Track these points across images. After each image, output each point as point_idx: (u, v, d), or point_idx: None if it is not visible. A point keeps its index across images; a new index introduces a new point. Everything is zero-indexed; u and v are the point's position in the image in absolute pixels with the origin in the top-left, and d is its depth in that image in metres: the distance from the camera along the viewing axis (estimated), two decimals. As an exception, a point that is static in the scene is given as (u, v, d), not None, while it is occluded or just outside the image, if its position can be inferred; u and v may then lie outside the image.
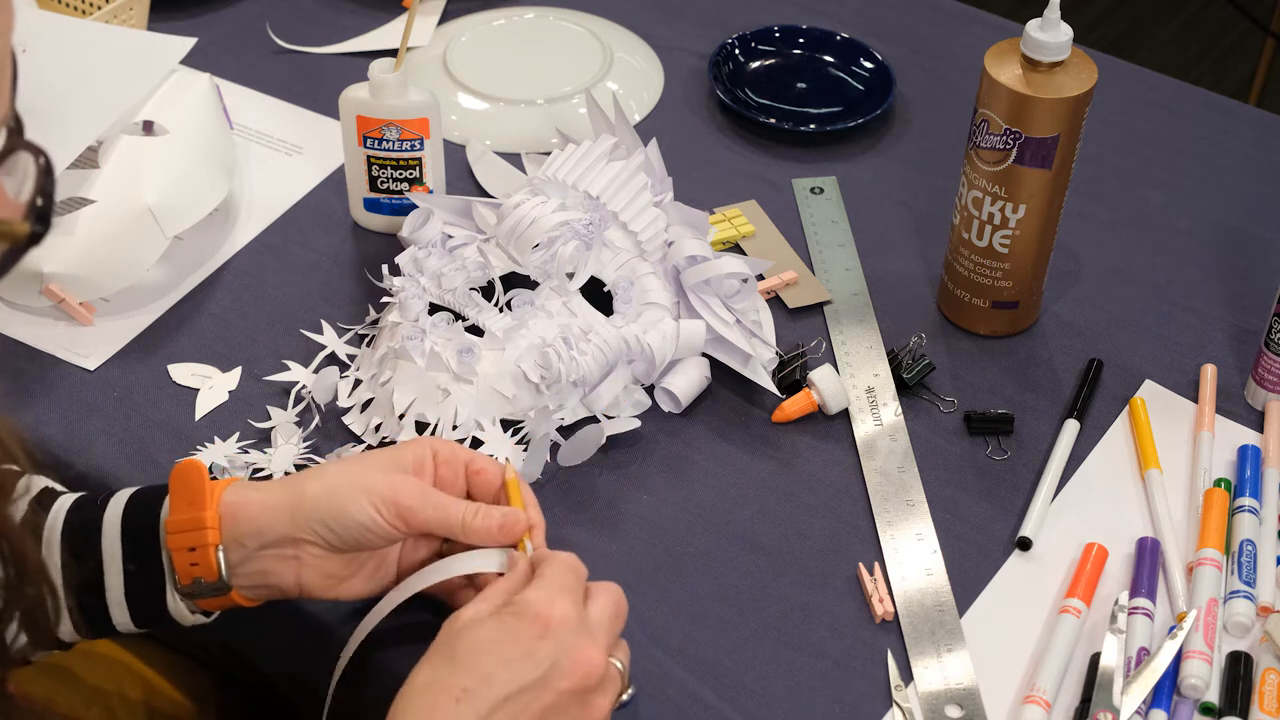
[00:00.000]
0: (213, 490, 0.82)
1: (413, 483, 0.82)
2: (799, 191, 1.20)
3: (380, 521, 0.81)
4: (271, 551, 0.82)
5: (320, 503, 0.81)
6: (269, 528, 0.81)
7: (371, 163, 1.11)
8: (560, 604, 0.76)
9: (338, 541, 0.82)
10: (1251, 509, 0.94)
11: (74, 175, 1.05)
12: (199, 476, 0.82)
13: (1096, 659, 0.87)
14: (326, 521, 0.81)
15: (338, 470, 0.83)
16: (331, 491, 0.81)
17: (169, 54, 1.15)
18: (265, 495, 0.82)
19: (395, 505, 0.81)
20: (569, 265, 1.01)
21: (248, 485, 0.84)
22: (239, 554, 0.82)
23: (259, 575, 0.83)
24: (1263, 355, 1.02)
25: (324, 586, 0.84)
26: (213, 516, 0.81)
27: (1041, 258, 1.05)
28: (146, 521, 0.83)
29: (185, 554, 0.81)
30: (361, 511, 0.81)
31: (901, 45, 1.33)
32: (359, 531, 0.81)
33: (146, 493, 0.85)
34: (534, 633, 0.75)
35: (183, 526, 0.81)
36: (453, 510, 0.82)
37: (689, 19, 1.37)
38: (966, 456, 1.00)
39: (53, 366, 1.05)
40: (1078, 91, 0.97)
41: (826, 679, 0.88)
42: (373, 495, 0.81)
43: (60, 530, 0.84)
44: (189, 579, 0.82)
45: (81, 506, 0.85)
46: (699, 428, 1.01)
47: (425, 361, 0.97)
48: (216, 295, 1.10)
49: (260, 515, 0.82)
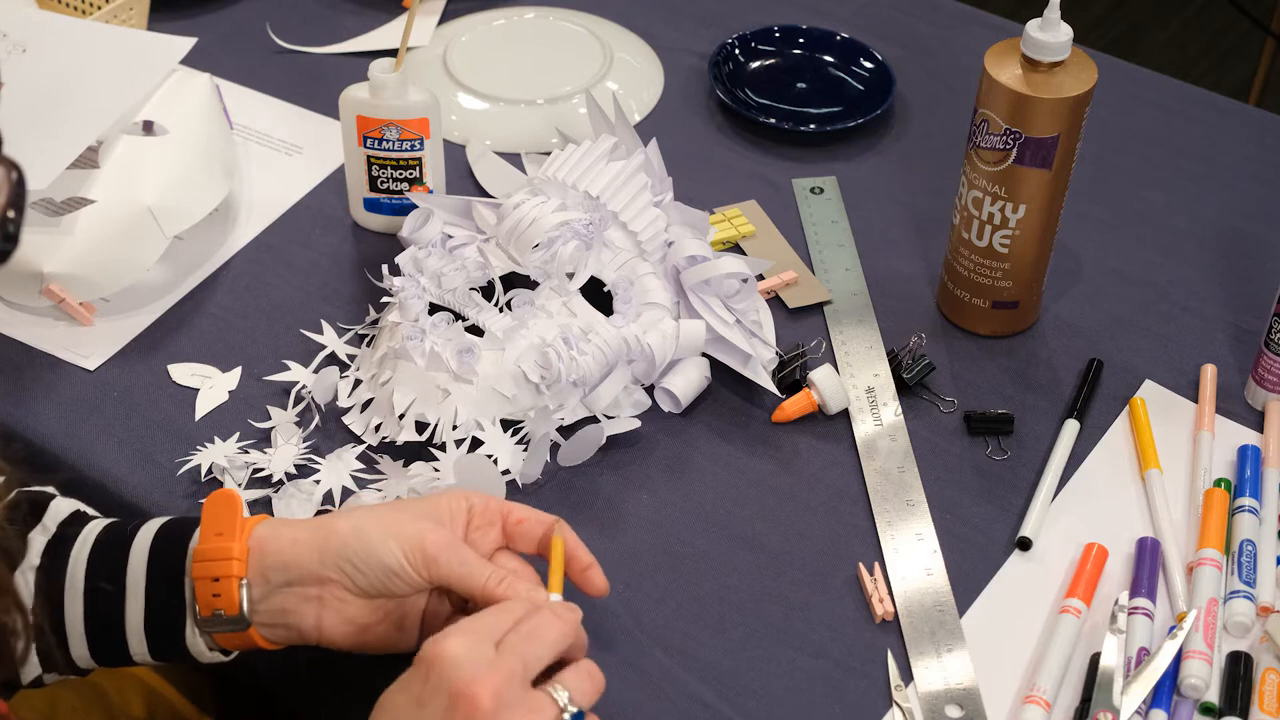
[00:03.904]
0: (245, 524, 0.81)
1: (443, 533, 0.80)
2: (799, 191, 1.20)
3: (406, 567, 0.79)
4: (295, 590, 0.81)
5: (349, 541, 0.80)
6: (295, 563, 0.80)
7: (371, 163, 1.11)
8: (449, 641, 0.73)
9: (364, 583, 0.80)
10: (1251, 509, 0.94)
11: (74, 175, 1.05)
12: (232, 507, 0.81)
13: (1096, 659, 0.87)
14: (354, 560, 0.80)
15: (369, 513, 0.82)
16: (360, 532, 0.80)
17: (169, 54, 1.15)
18: (295, 531, 0.81)
19: (422, 552, 0.79)
20: (569, 265, 1.01)
21: (279, 521, 0.83)
22: (262, 589, 0.81)
23: (279, 614, 0.81)
24: (1263, 355, 1.02)
25: (344, 633, 0.82)
26: (241, 548, 0.80)
27: (1041, 258, 1.05)
28: (174, 549, 0.82)
29: (208, 584, 0.80)
30: (390, 554, 0.79)
31: (901, 45, 1.33)
32: (384, 575, 0.80)
33: (179, 523, 0.84)
34: (420, 675, 0.73)
35: (209, 555, 0.80)
36: (477, 571, 0.80)
37: (689, 19, 1.38)
38: (966, 456, 1.00)
39: (53, 366, 1.05)
40: (1078, 91, 0.97)
41: (826, 679, 0.88)
42: (402, 540, 0.80)
43: (86, 558, 0.83)
44: (209, 610, 0.80)
45: (111, 533, 0.84)
46: (699, 428, 1.01)
47: (425, 361, 0.97)
48: (216, 295, 1.10)
49: (288, 550, 0.80)
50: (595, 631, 0.80)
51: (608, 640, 0.88)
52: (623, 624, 0.90)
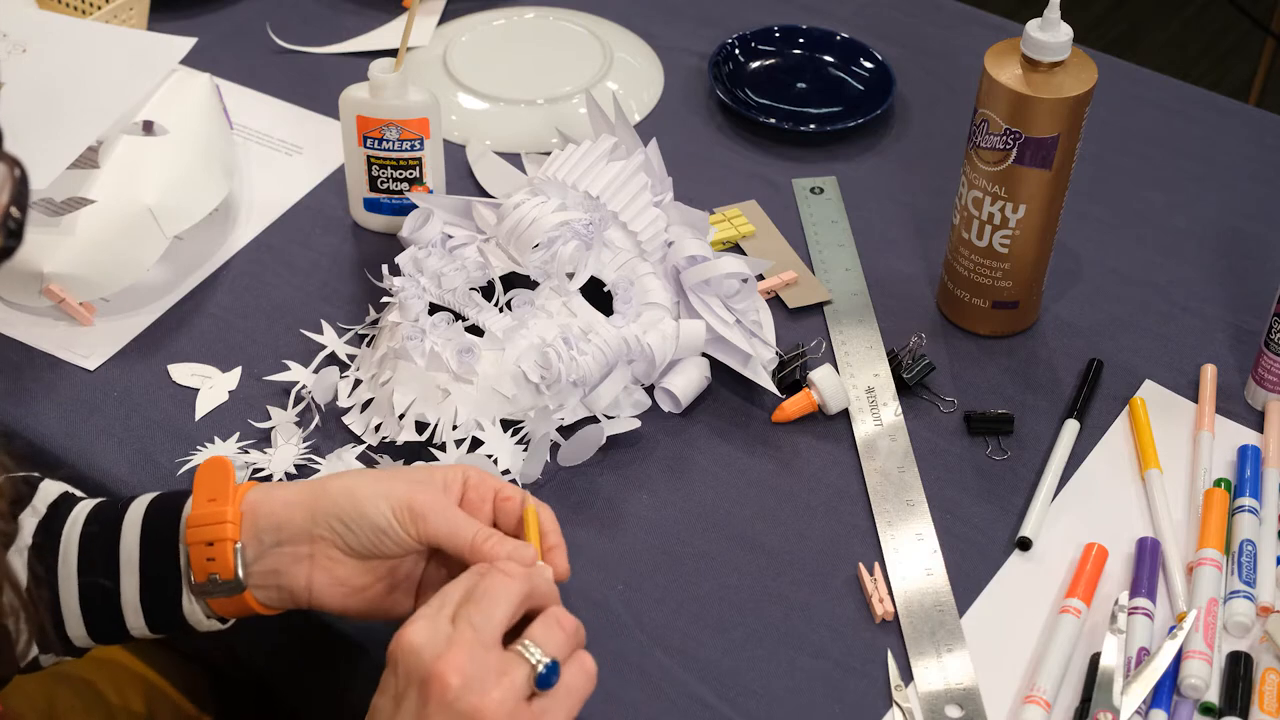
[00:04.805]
0: (237, 489, 0.82)
1: (434, 493, 0.81)
2: (799, 191, 1.20)
3: (395, 525, 0.80)
4: (287, 549, 0.81)
5: (339, 500, 0.81)
6: (287, 522, 0.81)
7: (371, 163, 1.11)
8: (407, 630, 0.73)
9: (354, 542, 0.81)
10: (1251, 509, 0.94)
11: (74, 175, 1.05)
12: (224, 473, 0.82)
13: (1096, 659, 0.87)
14: (344, 519, 0.80)
15: (361, 474, 0.83)
16: (351, 491, 0.81)
17: (169, 54, 1.15)
18: (287, 493, 0.82)
19: (410, 510, 0.80)
20: (569, 265, 1.01)
21: (272, 485, 0.83)
22: (255, 550, 0.81)
23: (271, 575, 0.82)
24: (1263, 355, 1.02)
25: (336, 594, 0.82)
26: (234, 512, 0.81)
27: (1041, 258, 1.05)
28: (167, 520, 0.83)
29: (202, 548, 0.80)
30: (378, 513, 0.80)
31: (901, 45, 1.34)
32: (374, 533, 0.80)
33: (170, 496, 0.85)
34: (391, 671, 0.73)
35: (203, 520, 0.81)
36: (464, 529, 0.80)
37: (689, 19, 1.38)
38: (966, 456, 1.00)
39: (53, 366, 1.05)
40: (1078, 91, 0.97)
41: (826, 679, 0.88)
42: (391, 499, 0.80)
43: (78, 536, 0.83)
44: (204, 575, 0.81)
45: (101, 509, 0.85)
46: (699, 428, 1.01)
47: (425, 361, 0.97)
48: (216, 295, 1.10)
49: (280, 511, 0.81)
50: (596, 631, 0.80)
51: (608, 640, 0.88)
52: (623, 624, 0.90)
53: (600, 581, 0.92)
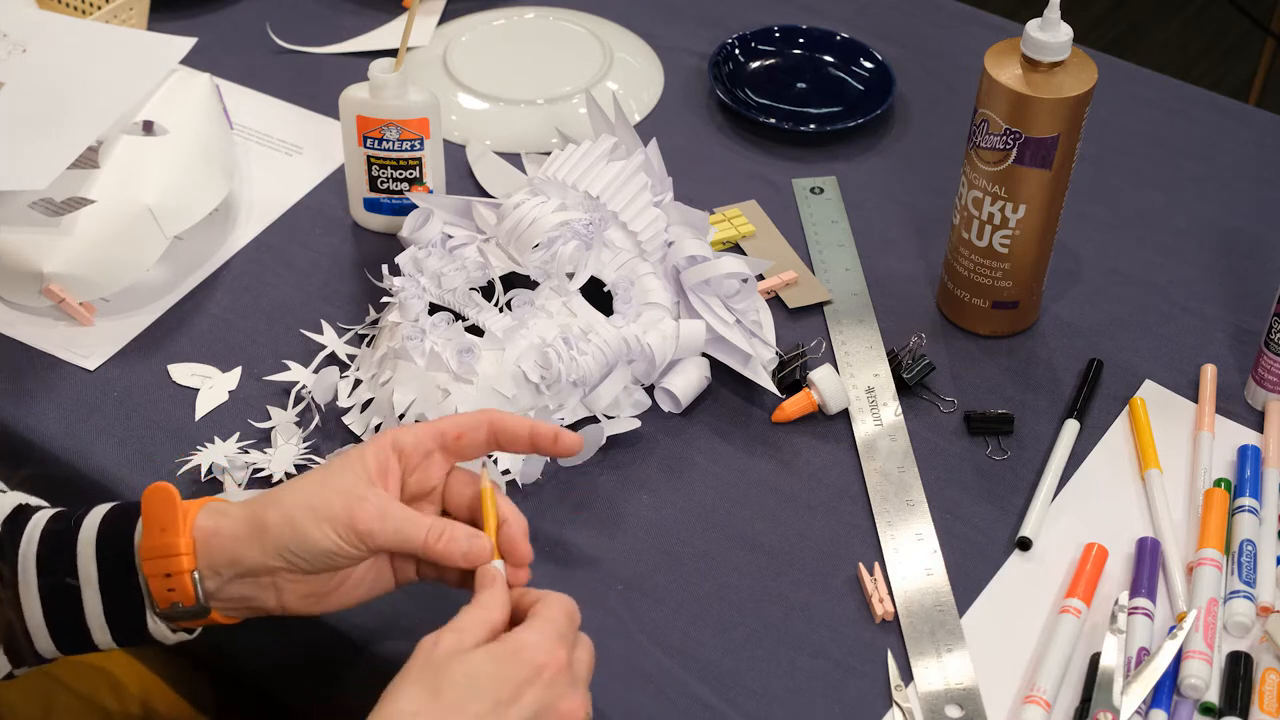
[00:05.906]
0: (185, 513, 0.80)
1: (370, 503, 0.79)
2: (799, 191, 1.20)
3: (343, 546, 0.78)
4: (248, 579, 0.80)
5: (282, 532, 0.79)
6: (242, 557, 0.79)
7: (371, 163, 1.11)
8: (557, 653, 0.75)
9: (308, 566, 0.80)
10: (1251, 509, 0.94)
11: (74, 175, 1.05)
12: (169, 501, 0.80)
13: (1096, 659, 0.87)
14: (291, 549, 0.79)
15: (295, 495, 0.80)
16: (290, 520, 0.79)
17: (169, 54, 1.15)
18: (234, 525, 0.80)
19: (354, 530, 0.78)
20: (569, 265, 1.01)
21: (217, 509, 0.81)
22: (215, 582, 0.80)
23: (240, 600, 0.81)
24: (1263, 355, 1.02)
25: (308, 605, 0.82)
26: (186, 543, 0.79)
27: (1041, 258, 1.05)
28: (120, 545, 0.81)
29: (161, 579, 0.79)
30: (323, 537, 0.78)
31: (901, 45, 1.34)
32: (325, 556, 0.79)
33: (119, 512, 0.83)
34: (526, 677, 0.73)
35: (156, 553, 0.79)
36: (413, 532, 0.79)
37: (689, 19, 1.38)
38: (966, 456, 1.00)
39: (53, 366, 1.05)
40: (1078, 91, 0.97)
41: (826, 679, 0.88)
42: (333, 522, 0.78)
43: (35, 553, 0.82)
44: (167, 603, 0.80)
45: (55, 524, 0.83)
46: (699, 428, 1.01)
47: (425, 361, 0.97)
48: (216, 295, 1.10)
49: (230, 546, 0.79)
50: (596, 632, 0.80)
51: (608, 640, 0.88)
52: (623, 624, 0.90)
53: (600, 581, 0.92)
